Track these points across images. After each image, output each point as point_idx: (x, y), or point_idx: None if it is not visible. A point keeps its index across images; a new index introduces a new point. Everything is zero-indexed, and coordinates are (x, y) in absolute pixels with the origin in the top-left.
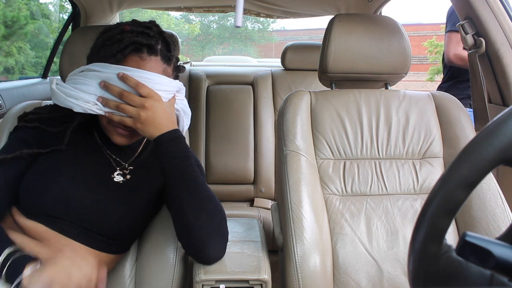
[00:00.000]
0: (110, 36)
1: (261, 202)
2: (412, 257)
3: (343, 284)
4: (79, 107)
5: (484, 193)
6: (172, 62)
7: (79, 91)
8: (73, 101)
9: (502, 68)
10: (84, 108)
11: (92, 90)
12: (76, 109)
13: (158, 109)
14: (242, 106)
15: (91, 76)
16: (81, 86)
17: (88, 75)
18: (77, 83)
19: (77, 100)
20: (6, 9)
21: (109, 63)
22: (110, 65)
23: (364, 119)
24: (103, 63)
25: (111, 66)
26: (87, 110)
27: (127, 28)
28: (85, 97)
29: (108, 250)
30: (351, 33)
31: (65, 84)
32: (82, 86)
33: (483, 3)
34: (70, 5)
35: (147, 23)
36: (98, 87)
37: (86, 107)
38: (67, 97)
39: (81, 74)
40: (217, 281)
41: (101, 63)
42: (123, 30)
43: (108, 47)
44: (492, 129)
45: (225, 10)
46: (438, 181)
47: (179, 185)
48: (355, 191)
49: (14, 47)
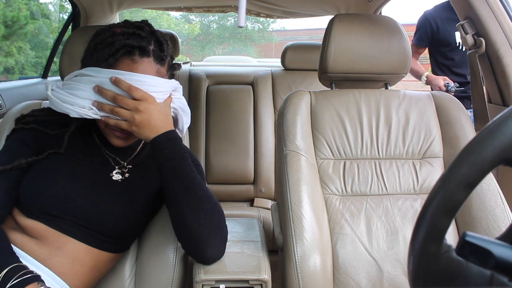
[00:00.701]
0: (101, 39)
1: (261, 202)
2: (412, 257)
3: (343, 284)
4: (75, 112)
5: (484, 193)
6: (165, 61)
7: (74, 97)
8: (69, 107)
9: (502, 68)
10: (80, 113)
11: (86, 95)
12: (73, 114)
13: (152, 111)
14: (242, 106)
15: (85, 81)
16: (76, 91)
17: (82, 80)
18: (72, 89)
19: (72, 106)
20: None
21: (101, 67)
22: (102, 69)
23: (364, 119)
24: (96, 67)
25: (103, 71)
26: (83, 115)
27: (118, 30)
28: (80, 102)
29: (108, 249)
30: (351, 33)
31: (60, 90)
32: (77, 91)
33: (483, 3)
34: (70, 5)
35: (139, 23)
36: (93, 91)
37: (82, 112)
38: (63, 103)
39: (75, 79)
40: (217, 281)
41: (94, 67)
42: (114, 33)
43: (100, 50)
44: (492, 129)
45: (225, 10)
46: (438, 181)
47: (176, 186)
48: (355, 191)
49: (14, 47)
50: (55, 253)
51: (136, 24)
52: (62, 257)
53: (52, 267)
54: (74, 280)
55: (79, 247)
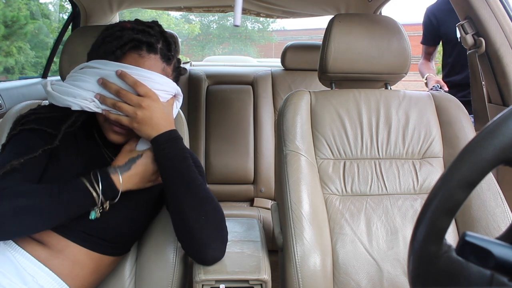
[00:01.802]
0: (110, 33)
1: (261, 202)
2: (412, 257)
3: (343, 284)
4: (77, 105)
5: (484, 193)
6: (172, 62)
7: (77, 88)
8: (71, 99)
9: (502, 68)
10: (82, 105)
11: (90, 87)
12: (74, 107)
13: (155, 109)
14: (242, 106)
15: (90, 73)
16: (80, 83)
17: (87, 72)
18: (76, 80)
19: (74, 98)
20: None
21: (108, 60)
22: (109, 62)
23: (364, 119)
24: (102, 60)
25: (110, 63)
26: (84, 107)
27: (128, 25)
28: (83, 93)
29: (109, 252)
30: (351, 33)
31: (63, 82)
32: (81, 83)
33: (483, 3)
34: (70, 5)
35: (149, 23)
36: (97, 84)
37: (83, 105)
38: (64, 96)
39: (80, 71)
40: (217, 281)
41: (101, 60)
42: (123, 27)
43: (108, 43)
44: (492, 129)
45: (225, 10)
46: (438, 181)
47: (177, 186)
48: (355, 191)
49: (14, 47)
50: (56, 255)
51: (146, 23)
52: (62, 260)
53: (53, 268)
54: (74, 282)
55: (80, 251)
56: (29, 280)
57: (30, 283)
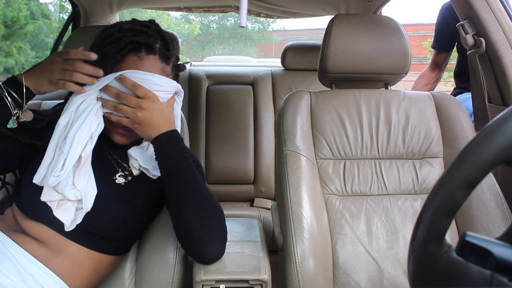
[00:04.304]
0: (109, 34)
1: (261, 202)
2: (412, 257)
3: (343, 284)
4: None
5: (484, 193)
6: (171, 61)
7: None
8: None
9: (502, 68)
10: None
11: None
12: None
13: (155, 110)
14: (242, 106)
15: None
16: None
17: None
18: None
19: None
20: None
21: (108, 63)
22: (109, 76)
23: (364, 119)
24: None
25: (109, 77)
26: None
27: (126, 26)
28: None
29: (109, 252)
30: (351, 33)
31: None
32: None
33: (483, 3)
34: (70, 5)
35: (146, 22)
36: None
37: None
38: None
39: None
40: (217, 281)
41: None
42: (121, 28)
43: (107, 46)
44: (492, 129)
45: (225, 10)
46: (438, 181)
47: (177, 186)
48: (355, 191)
49: (14, 47)
50: (56, 255)
51: (143, 23)
52: (62, 259)
53: (52, 268)
54: (74, 281)
55: (79, 250)
56: (29, 279)
57: (30, 282)
